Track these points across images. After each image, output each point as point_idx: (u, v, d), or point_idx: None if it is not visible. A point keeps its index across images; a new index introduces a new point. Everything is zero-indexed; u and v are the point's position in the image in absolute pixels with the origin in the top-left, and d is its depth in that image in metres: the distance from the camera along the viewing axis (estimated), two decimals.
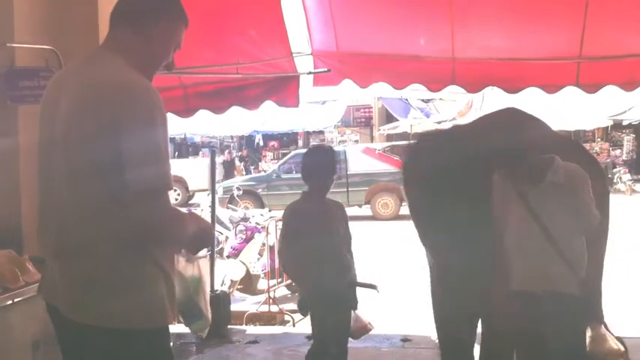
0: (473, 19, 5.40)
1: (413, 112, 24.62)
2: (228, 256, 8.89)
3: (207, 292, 5.42)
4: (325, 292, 3.96)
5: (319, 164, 4.11)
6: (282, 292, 8.18)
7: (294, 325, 7.05)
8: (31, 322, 3.61)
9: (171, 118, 5.29)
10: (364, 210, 16.95)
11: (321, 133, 27.34)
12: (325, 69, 5.82)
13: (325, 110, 24.88)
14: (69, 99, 2.16)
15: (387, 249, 11.37)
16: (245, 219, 9.44)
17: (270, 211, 11.07)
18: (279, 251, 4.38)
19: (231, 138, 29.94)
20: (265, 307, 7.66)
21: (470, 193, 3.61)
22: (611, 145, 24.54)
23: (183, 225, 2.24)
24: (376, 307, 7.42)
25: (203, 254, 3.16)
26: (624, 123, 22.67)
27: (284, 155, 23.01)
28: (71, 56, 2.47)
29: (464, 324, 3.97)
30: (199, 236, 2.29)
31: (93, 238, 2.12)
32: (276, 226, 7.60)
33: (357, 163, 17.19)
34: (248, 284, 8.68)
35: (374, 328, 4.33)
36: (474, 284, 3.66)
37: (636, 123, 22.35)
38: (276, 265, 7.59)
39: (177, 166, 20.34)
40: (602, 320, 4.10)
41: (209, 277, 6.03)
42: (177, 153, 27.02)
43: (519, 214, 3.34)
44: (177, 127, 18.41)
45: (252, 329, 6.67)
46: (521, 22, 5.36)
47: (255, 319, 7.49)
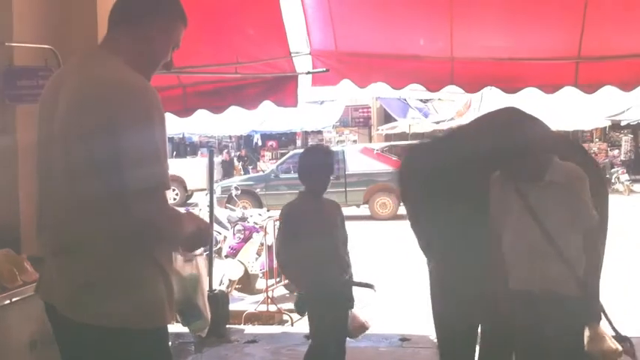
0: (472, 19, 5.40)
1: (411, 112, 24.64)
2: (226, 256, 8.89)
3: (206, 292, 5.41)
4: (323, 292, 3.96)
5: (316, 164, 4.10)
6: (280, 291, 8.18)
7: (292, 325, 7.05)
8: (29, 321, 3.61)
9: (170, 117, 5.28)
10: (362, 210, 16.95)
11: (320, 133, 27.36)
12: (324, 69, 5.81)
13: (324, 110, 24.91)
14: (67, 98, 2.15)
15: (386, 249, 11.37)
16: (243, 219, 9.44)
17: (269, 211, 11.08)
18: (276, 252, 4.37)
19: (230, 138, 29.95)
20: (264, 307, 7.66)
21: (468, 194, 3.58)
22: (609, 146, 24.57)
23: (180, 224, 2.24)
24: (375, 306, 7.44)
25: (200, 252, 3.15)
26: (622, 123, 22.74)
27: (282, 155, 23.04)
28: (70, 56, 2.46)
29: (464, 326, 3.96)
30: (197, 235, 2.29)
31: (91, 236, 2.12)
32: (275, 226, 7.60)
33: (356, 163, 17.19)
34: (246, 284, 8.68)
35: (371, 326, 4.34)
36: (473, 286, 3.66)
37: (634, 123, 22.41)
38: (275, 265, 7.58)
39: (176, 166, 20.32)
40: (599, 320, 4.10)
41: (208, 277, 6.03)
42: (175, 152, 26.98)
43: (518, 213, 3.33)
44: (175, 126, 18.41)
45: (250, 329, 6.67)
46: (520, 22, 5.36)
47: (254, 318, 7.49)
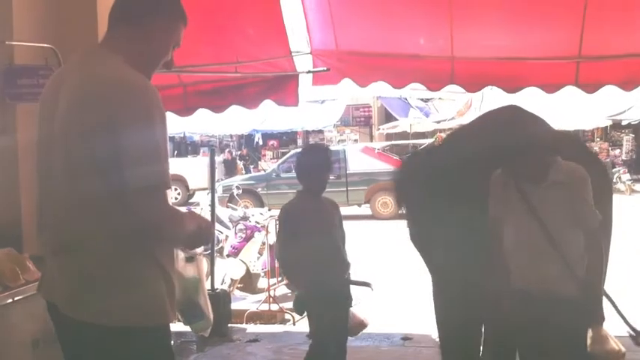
0: (472, 18, 5.40)
1: (412, 112, 24.62)
2: (228, 255, 8.89)
3: (206, 291, 5.42)
4: (322, 291, 3.96)
5: (315, 164, 4.10)
6: (282, 290, 8.17)
7: (294, 324, 7.05)
8: (31, 320, 3.61)
9: (171, 116, 5.29)
10: (364, 209, 16.95)
11: (321, 132, 27.33)
12: (324, 68, 5.81)
13: (324, 109, 24.88)
14: (67, 96, 2.16)
15: (387, 248, 11.36)
16: (245, 218, 9.44)
17: (270, 210, 11.08)
18: (276, 252, 4.37)
19: (231, 137, 29.93)
20: (265, 306, 7.67)
21: (470, 194, 3.55)
22: (611, 145, 24.55)
23: (181, 223, 2.24)
24: (376, 305, 7.44)
25: (201, 250, 3.15)
26: (623, 123, 22.69)
27: (283, 154, 23.04)
28: (70, 54, 2.46)
29: (466, 325, 3.94)
30: (198, 234, 2.29)
31: (91, 235, 2.12)
32: (276, 225, 7.59)
33: (357, 162, 17.19)
34: (248, 283, 8.69)
35: (369, 324, 4.33)
36: (475, 286, 3.65)
37: (635, 123, 22.37)
38: (276, 264, 7.58)
39: (178, 165, 20.36)
40: (602, 321, 4.07)
41: (208, 276, 6.04)
42: (176, 152, 27.01)
43: (519, 212, 3.30)
44: (176, 125, 18.38)
45: (252, 328, 6.68)
46: (521, 22, 5.35)
47: (256, 317, 7.50)
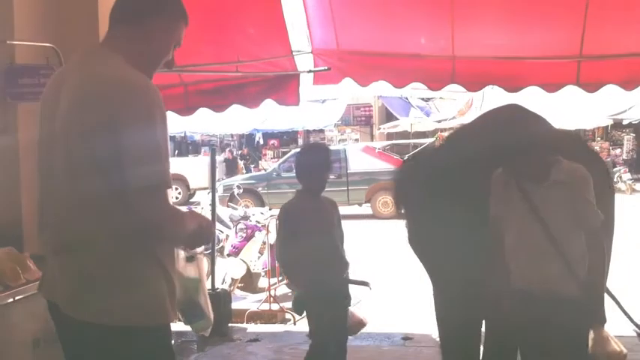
0: (473, 17, 5.39)
1: (413, 111, 24.61)
2: (228, 255, 8.89)
3: (207, 291, 5.42)
4: (321, 291, 3.96)
5: (314, 163, 4.10)
6: (282, 290, 8.17)
7: (295, 324, 7.04)
8: (32, 319, 3.62)
9: (171, 116, 5.28)
10: (364, 209, 16.95)
11: (322, 131, 27.33)
12: (325, 67, 5.80)
13: (325, 109, 24.87)
14: (68, 96, 2.16)
15: (388, 247, 11.36)
16: (245, 217, 9.44)
17: (271, 210, 11.07)
18: (276, 251, 4.37)
19: (232, 136, 29.93)
20: (266, 306, 7.67)
21: (471, 193, 3.51)
22: (611, 145, 24.54)
23: (182, 222, 2.24)
24: (377, 305, 7.44)
25: (201, 249, 3.15)
26: (624, 122, 22.67)
27: (284, 154, 23.04)
28: (71, 54, 2.46)
29: (466, 325, 3.93)
30: (199, 233, 2.29)
31: (92, 234, 2.12)
32: (277, 225, 7.59)
33: (358, 161, 17.19)
34: (249, 282, 8.69)
35: (368, 323, 4.33)
36: (476, 285, 3.64)
37: (636, 122, 22.35)
38: (277, 264, 7.59)
39: (179, 165, 20.37)
40: (604, 322, 4.06)
41: (209, 275, 6.03)
42: (177, 151, 27.02)
43: (521, 212, 3.28)
44: (177, 125, 18.39)
45: (253, 327, 6.67)
46: (522, 21, 5.35)
47: (256, 317, 7.49)
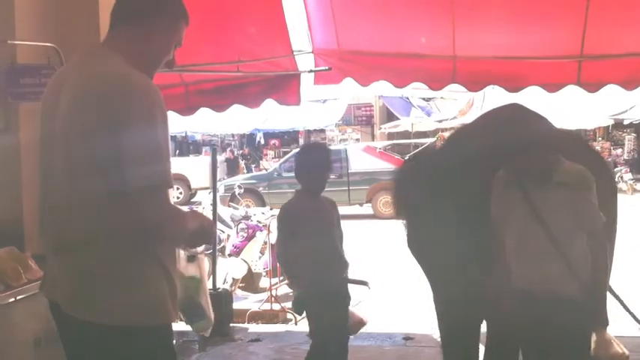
0: (474, 17, 5.39)
1: (414, 111, 24.61)
2: (229, 255, 8.89)
3: (208, 291, 5.42)
4: (321, 291, 3.97)
5: (314, 163, 4.10)
6: (284, 290, 8.17)
7: (296, 324, 7.04)
8: (33, 319, 3.62)
9: (172, 115, 5.29)
10: (365, 209, 16.94)
11: (322, 131, 27.32)
12: (326, 67, 5.81)
13: (326, 109, 24.86)
14: (68, 96, 2.16)
15: (389, 247, 11.35)
16: (246, 217, 9.44)
17: (272, 210, 11.06)
18: (277, 252, 4.38)
19: (233, 136, 29.94)
20: (267, 306, 7.67)
21: (472, 194, 3.49)
22: (613, 145, 24.51)
23: (183, 222, 2.24)
24: (378, 305, 7.43)
25: (202, 249, 3.16)
26: (625, 122, 22.63)
27: (285, 154, 23.04)
28: (72, 54, 2.47)
29: (466, 325, 3.91)
30: (200, 233, 2.29)
31: (92, 234, 2.12)
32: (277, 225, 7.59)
33: (358, 161, 17.17)
34: (250, 282, 8.69)
35: (368, 322, 4.34)
36: (476, 289, 3.62)
37: (637, 122, 22.32)
38: (278, 264, 7.59)
39: (180, 165, 20.37)
40: (607, 325, 4.04)
41: (210, 275, 6.03)
42: (178, 151, 27.03)
43: (522, 212, 3.26)
44: (178, 125, 18.41)
45: (254, 327, 6.68)
46: (523, 21, 5.35)
47: (258, 317, 7.50)
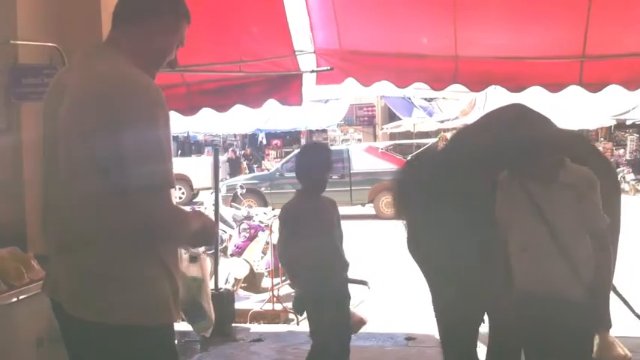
0: (476, 17, 5.38)
1: (416, 111, 24.61)
2: (231, 255, 8.91)
3: (210, 291, 5.42)
4: (322, 291, 3.98)
5: (315, 163, 4.11)
6: (286, 290, 8.16)
7: (298, 324, 7.05)
8: (36, 319, 3.63)
9: (174, 116, 5.29)
10: (367, 209, 16.93)
11: (324, 131, 27.32)
12: (328, 67, 5.80)
13: (328, 109, 24.86)
14: (70, 95, 2.16)
15: (391, 247, 11.35)
16: (248, 217, 9.46)
17: (274, 210, 11.08)
18: (278, 252, 4.39)
19: (235, 136, 29.95)
20: (269, 306, 7.67)
21: (475, 194, 3.43)
22: (615, 145, 24.46)
23: (185, 223, 2.25)
24: (380, 305, 7.43)
25: (203, 249, 3.16)
26: (628, 122, 22.57)
27: (287, 154, 23.05)
28: (74, 54, 2.47)
29: (466, 329, 3.89)
30: (203, 232, 2.30)
31: (95, 234, 2.12)
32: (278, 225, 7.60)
33: (360, 161, 17.17)
34: (252, 282, 8.69)
35: (368, 321, 4.34)
36: (476, 290, 3.61)
37: None
38: (279, 264, 7.59)
39: (182, 165, 20.38)
40: (609, 327, 4.02)
41: (212, 275, 6.03)
42: (180, 151, 27.04)
43: (526, 213, 3.23)
44: (180, 125, 18.42)
45: (256, 327, 6.68)
46: (524, 21, 5.33)
47: (259, 317, 7.50)
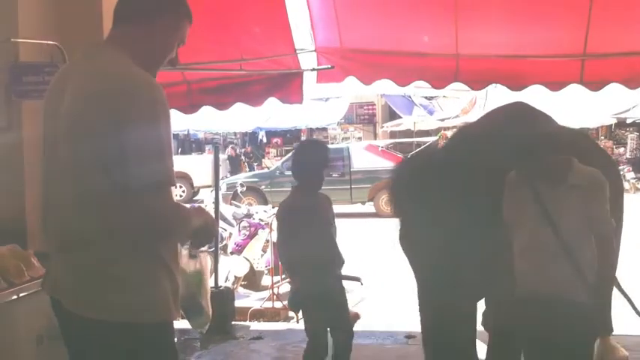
0: (477, 15, 5.38)
1: (416, 110, 24.60)
2: (231, 253, 8.90)
3: (209, 287, 5.42)
4: (319, 287, 4.01)
5: (312, 160, 4.12)
6: (285, 288, 8.16)
7: (297, 322, 7.05)
8: (36, 316, 3.62)
9: (175, 114, 5.29)
10: (367, 207, 16.93)
11: (325, 130, 27.30)
12: (329, 66, 5.80)
13: (328, 107, 24.84)
14: (72, 93, 2.16)
15: (391, 246, 11.36)
16: (248, 215, 9.45)
17: (274, 208, 11.07)
18: (277, 249, 4.42)
19: (235, 134, 29.93)
20: (269, 304, 7.69)
21: (477, 195, 3.41)
22: (615, 144, 24.42)
23: (186, 220, 2.25)
24: (380, 303, 7.44)
25: (205, 248, 3.16)
26: (628, 121, 22.58)
27: (287, 152, 23.01)
28: (75, 52, 2.48)
29: (462, 327, 3.80)
30: (204, 230, 2.30)
31: (95, 231, 2.13)
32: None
33: (361, 160, 17.16)
34: (252, 280, 8.70)
35: (361, 317, 4.36)
36: (470, 290, 3.58)
37: None
38: (279, 262, 7.60)
39: (182, 163, 20.35)
40: (611, 332, 4.01)
41: (212, 273, 6.03)
42: (180, 149, 27.03)
43: (532, 214, 3.20)
44: (180, 123, 18.43)
45: (256, 325, 6.68)
46: (525, 19, 5.34)
47: (259, 315, 7.51)
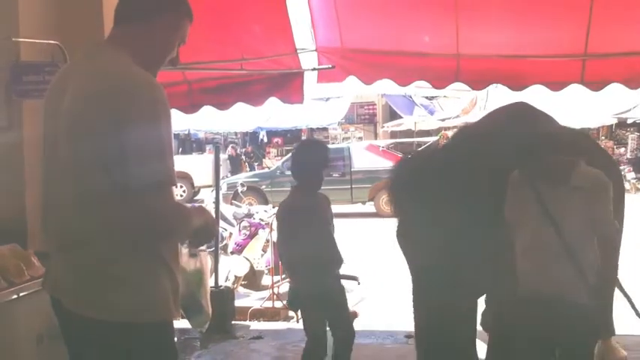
0: (477, 15, 5.39)
1: (417, 110, 24.58)
2: (232, 252, 8.90)
3: (209, 286, 5.42)
4: (318, 286, 4.03)
5: (311, 160, 4.13)
6: (285, 287, 8.14)
7: (297, 321, 7.05)
8: (36, 315, 3.63)
9: (176, 113, 5.29)
10: (368, 207, 16.93)
11: (325, 129, 27.30)
12: (329, 65, 5.80)
13: (329, 107, 24.82)
14: (72, 93, 2.16)
15: (391, 246, 11.36)
16: (249, 215, 9.45)
17: (274, 208, 11.06)
18: (277, 249, 4.43)
19: (235, 134, 29.93)
20: (269, 303, 7.68)
21: (478, 194, 3.44)
22: (616, 144, 24.41)
23: (186, 220, 2.25)
24: (380, 303, 7.44)
25: (204, 247, 3.17)
26: (629, 121, 22.56)
27: (288, 152, 23.01)
28: (76, 51, 2.48)
29: (460, 326, 3.82)
30: (204, 229, 2.30)
31: (95, 231, 2.13)
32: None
33: (361, 160, 17.16)
34: (252, 280, 8.69)
35: (360, 315, 4.37)
36: (464, 291, 3.57)
37: None
38: (280, 261, 7.60)
39: (183, 162, 20.35)
40: (612, 333, 4.01)
41: (212, 273, 6.03)
42: (181, 149, 27.03)
43: (535, 214, 3.20)
44: (181, 122, 18.41)
45: (256, 325, 6.69)
46: (526, 19, 5.34)
47: (259, 314, 7.50)
